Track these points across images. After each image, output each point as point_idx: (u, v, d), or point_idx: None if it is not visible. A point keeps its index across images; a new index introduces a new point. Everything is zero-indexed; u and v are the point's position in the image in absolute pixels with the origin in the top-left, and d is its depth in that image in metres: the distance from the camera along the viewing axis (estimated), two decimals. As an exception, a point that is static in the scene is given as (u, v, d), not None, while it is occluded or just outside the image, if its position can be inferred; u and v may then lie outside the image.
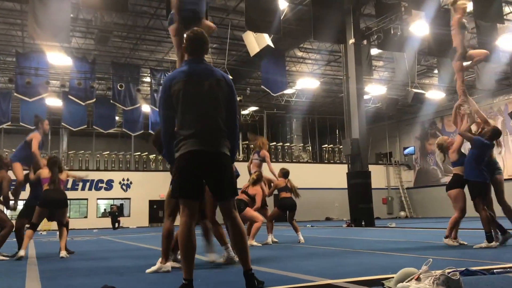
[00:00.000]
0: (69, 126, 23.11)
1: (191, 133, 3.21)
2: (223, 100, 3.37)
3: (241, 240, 3.26)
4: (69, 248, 7.50)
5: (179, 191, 3.24)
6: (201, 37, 3.47)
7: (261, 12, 13.90)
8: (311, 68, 24.48)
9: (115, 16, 17.90)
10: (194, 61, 3.43)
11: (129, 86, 21.59)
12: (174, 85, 3.30)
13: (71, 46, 19.78)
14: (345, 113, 17.60)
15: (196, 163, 3.19)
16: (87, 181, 27.27)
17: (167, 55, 22.55)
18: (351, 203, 16.77)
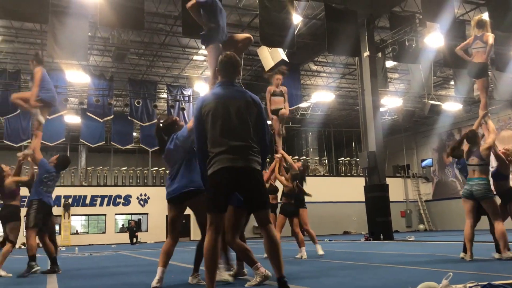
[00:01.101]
0: (88, 142, 23.41)
1: (222, 150, 3.40)
2: (252, 120, 3.56)
3: (275, 248, 3.37)
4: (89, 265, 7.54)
5: (210, 206, 3.42)
6: (233, 61, 3.69)
7: (275, 27, 14.02)
8: (326, 81, 24.50)
9: (132, 33, 18.21)
10: (226, 84, 3.64)
11: (146, 102, 21.85)
12: (206, 106, 3.53)
13: (89, 64, 20.17)
14: (361, 125, 17.54)
15: (227, 179, 3.37)
16: (105, 197, 27.55)
17: (183, 71, 22.81)
18: (369, 216, 16.61)
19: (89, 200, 27.22)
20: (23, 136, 21.68)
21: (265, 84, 23.42)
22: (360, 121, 17.70)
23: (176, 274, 5.98)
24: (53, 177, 6.91)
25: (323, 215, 25.08)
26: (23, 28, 17.55)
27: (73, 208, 26.31)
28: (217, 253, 3.35)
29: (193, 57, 21.34)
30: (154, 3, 15.73)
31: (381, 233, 15.77)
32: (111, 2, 11.71)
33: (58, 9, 13.74)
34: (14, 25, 17.26)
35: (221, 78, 3.70)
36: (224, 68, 3.67)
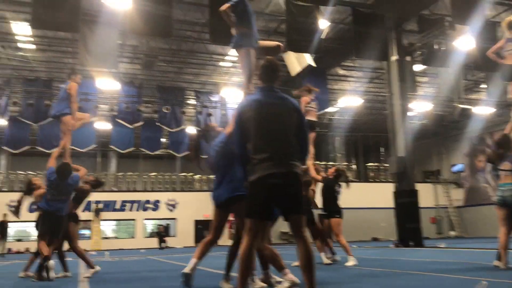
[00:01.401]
0: (118, 148, 23.84)
1: (264, 157, 3.40)
2: (293, 125, 3.56)
3: (310, 260, 3.33)
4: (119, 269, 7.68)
5: (250, 212, 3.41)
6: (274, 66, 3.70)
7: (302, 33, 14.02)
8: (354, 85, 24.30)
9: (160, 41, 18.51)
10: (266, 89, 3.64)
11: (174, 108, 22.13)
12: (246, 113, 3.54)
13: (119, 72, 20.57)
14: (390, 130, 17.32)
15: (269, 186, 3.36)
16: (134, 202, 27.96)
17: (210, 77, 23.01)
18: (398, 222, 16.34)
19: (119, 205, 27.68)
20: (55, 142, 22.18)
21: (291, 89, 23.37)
22: (389, 126, 17.48)
23: (204, 278, 6.02)
24: (54, 185, 6.86)
25: (351, 221, 24.62)
26: (55, 37, 18.04)
27: (103, 213, 26.79)
28: (252, 259, 3.36)
29: (220, 64, 21.51)
30: (182, 11, 15.94)
31: (411, 240, 15.49)
32: (140, 10, 11.95)
33: (89, 18, 14.09)
34: (47, 34, 17.76)
35: (261, 83, 3.69)
36: (264, 73, 3.66)
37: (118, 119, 21.68)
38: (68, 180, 6.90)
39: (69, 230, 7.20)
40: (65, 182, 6.88)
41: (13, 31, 17.28)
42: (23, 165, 28.87)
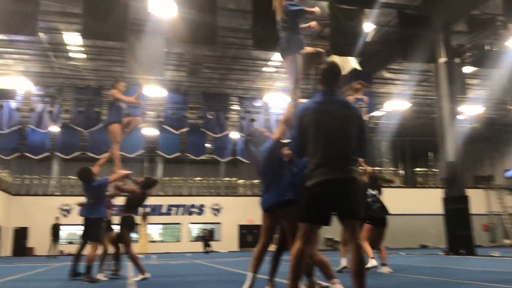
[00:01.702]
0: (164, 153, 24.37)
1: (322, 162, 3.38)
2: (353, 131, 3.51)
3: (360, 264, 3.31)
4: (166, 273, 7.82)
5: (306, 216, 3.40)
6: (336, 70, 3.67)
7: (346, 36, 13.87)
8: (400, 89, 23.76)
9: (205, 48, 18.78)
10: (328, 93, 3.60)
11: (218, 114, 22.41)
12: (307, 115, 3.52)
13: (165, 79, 21.03)
14: (438, 134, 16.80)
15: (326, 192, 3.34)
16: (180, 206, 28.45)
17: (254, 83, 23.13)
18: (448, 230, 15.79)
19: (165, 209, 28.25)
20: (104, 148, 22.92)
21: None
22: (437, 130, 16.97)
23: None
24: (84, 189, 7.33)
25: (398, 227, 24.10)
26: (104, 46, 18.67)
27: (151, 217, 27.40)
28: (303, 264, 3.34)
29: (263, 69, 21.59)
30: (226, 18, 16.11)
31: (462, 248, 14.93)
32: (185, 18, 12.18)
33: (136, 28, 14.50)
34: (97, 44, 18.40)
35: (322, 87, 3.64)
36: (325, 77, 3.63)
37: (165, 125, 22.18)
38: (92, 184, 7.22)
39: (122, 235, 7.41)
40: (90, 186, 7.22)
41: (65, 42, 18.03)
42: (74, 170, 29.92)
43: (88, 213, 7.22)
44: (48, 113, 20.65)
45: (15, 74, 19.51)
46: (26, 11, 11.23)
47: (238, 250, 27.82)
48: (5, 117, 20.67)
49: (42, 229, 23.03)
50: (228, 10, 15.74)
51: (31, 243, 25.55)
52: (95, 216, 7.20)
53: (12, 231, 25.83)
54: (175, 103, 21.79)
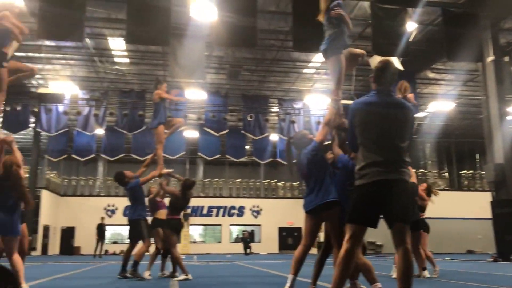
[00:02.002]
0: (205, 155, 24.65)
1: (374, 161, 3.31)
2: (407, 132, 3.44)
3: (408, 269, 3.22)
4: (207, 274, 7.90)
5: (355, 217, 3.33)
6: (391, 68, 3.57)
7: (388, 36, 13.61)
8: (445, 89, 23.10)
9: (245, 51, 18.89)
10: (382, 92, 3.52)
11: (258, 116, 22.46)
12: (360, 114, 3.45)
13: (206, 82, 21.29)
14: (486, 136, 16.21)
15: (376, 193, 3.27)
16: (220, 208, 28.70)
17: (293, 84, 23.06)
18: (497, 234, 15.19)
19: (206, 211, 28.56)
20: (148, 150, 23.46)
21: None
22: (485, 131, 16.38)
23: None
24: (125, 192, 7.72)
25: (444, 232, 23.48)
26: (147, 51, 19.10)
27: (192, 218, 27.78)
28: (350, 267, 3.27)
29: (303, 71, 21.49)
30: (266, 20, 16.15)
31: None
32: (226, 22, 12.29)
33: (178, 32, 14.75)
34: (140, 48, 18.86)
35: (376, 86, 3.56)
36: (381, 76, 3.54)
37: (205, 128, 22.43)
38: (127, 186, 7.64)
39: (166, 235, 7.57)
40: (127, 188, 7.66)
41: (110, 47, 18.57)
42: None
43: (129, 214, 7.67)
44: (94, 117, 21.30)
45: (63, 79, 20.25)
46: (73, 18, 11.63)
47: (278, 252, 27.77)
48: (53, 120, 21.48)
49: (88, 228, 23.79)
50: (268, 12, 15.76)
51: (78, 242, 26.42)
52: (134, 217, 7.53)
53: (60, 230, 26.80)
54: (215, 106, 22.02)
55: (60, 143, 23.05)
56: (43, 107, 20.96)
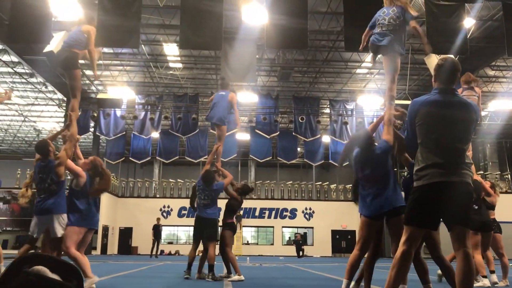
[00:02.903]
0: (256, 157, 24.80)
1: (435, 163, 3.22)
2: (470, 132, 3.33)
3: (468, 274, 3.10)
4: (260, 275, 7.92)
5: (413, 219, 3.26)
6: (455, 66, 3.43)
7: (445, 34, 13.13)
8: (507, 87, 22.05)
9: (296, 52, 18.87)
10: (445, 91, 3.40)
11: (309, 118, 22.36)
12: (422, 112, 3.34)
13: (257, 84, 21.45)
14: (552, 135, 15.31)
15: (436, 195, 3.18)
16: (272, 210, 28.72)
17: (345, 85, 22.78)
18: None
19: (258, 213, 28.70)
20: (201, 152, 23.94)
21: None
22: (551, 131, 15.48)
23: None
24: (201, 190, 7.53)
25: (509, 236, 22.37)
26: (200, 55, 19.50)
27: (244, 219, 28.00)
28: (407, 269, 3.21)
29: (356, 71, 21.18)
30: (317, 21, 16.07)
31: None
32: (276, 24, 12.31)
33: (230, 36, 14.94)
34: (193, 53, 19.28)
35: (438, 85, 3.43)
36: (444, 74, 3.41)
37: (257, 130, 22.59)
38: (213, 186, 7.51)
39: (224, 235, 7.65)
40: (210, 188, 7.49)
41: (165, 52, 19.11)
42: (173, 173, 31.61)
43: (206, 213, 7.48)
44: (150, 120, 21.97)
45: (120, 84, 21.04)
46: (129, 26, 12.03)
47: (331, 255, 27.47)
48: (111, 124, 22.35)
49: (145, 229, 24.53)
50: (319, 13, 15.68)
51: (135, 242, 27.29)
52: (213, 216, 7.50)
53: (118, 230, 27.80)
54: (266, 108, 22.13)
55: (118, 146, 23.92)
56: (102, 112, 21.84)
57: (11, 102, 22.93)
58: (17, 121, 28.42)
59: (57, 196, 5.24)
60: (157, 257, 20.27)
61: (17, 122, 28.76)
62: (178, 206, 28.19)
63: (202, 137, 23.80)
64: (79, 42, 6.14)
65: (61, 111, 25.06)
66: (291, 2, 12.34)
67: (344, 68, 20.71)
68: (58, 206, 5.19)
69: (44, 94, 23.41)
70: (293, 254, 25.60)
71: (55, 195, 5.21)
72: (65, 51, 6.11)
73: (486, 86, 22.14)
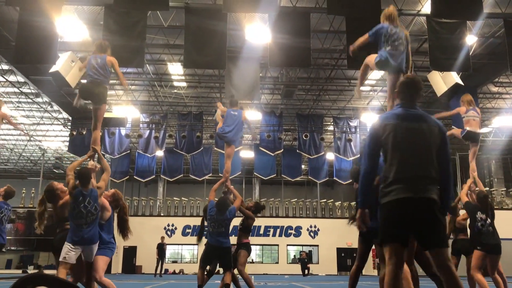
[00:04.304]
0: (260, 175, 24.79)
1: (400, 178, 3.20)
2: (435, 148, 3.33)
3: None
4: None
5: (387, 236, 3.23)
6: (416, 83, 3.52)
7: (447, 50, 13.21)
8: (510, 103, 22.05)
9: (299, 71, 19.00)
10: (407, 106, 3.46)
11: (313, 135, 22.40)
12: (385, 127, 3.36)
13: (261, 102, 21.54)
14: (558, 151, 15.25)
15: (404, 211, 3.16)
16: (277, 227, 28.53)
17: (349, 103, 22.86)
18: None
19: (263, 231, 28.52)
20: (205, 171, 23.97)
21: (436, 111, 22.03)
22: (556, 146, 15.43)
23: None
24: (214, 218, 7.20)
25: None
26: (204, 74, 19.66)
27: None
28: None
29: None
30: (320, 40, 16.20)
31: None
32: (280, 43, 12.43)
33: (233, 55, 15.07)
34: (197, 72, 19.44)
35: (400, 101, 3.52)
36: (405, 90, 3.49)
37: (261, 147, 22.62)
38: (226, 214, 7.23)
39: (239, 255, 7.61)
40: (224, 216, 7.21)
41: (169, 71, 19.28)
42: (177, 192, 31.58)
43: (217, 241, 7.17)
44: (154, 139, 22.06)
45: (125, 103, 21.19)
46: (134, 46, 12.17)
47: (336, 273, 27.19)
48: (116, 143, 22.45)
49: (149, 248, 24.40)
50: (322, 32, 15.82)
51: (139, 261, 27.13)
52: (228, 244, 7.25)
53: (123, 249, 27.67)
54: (270, 126, 22.20)
55: (122, 165, 23.98)
56: (106, 131, 21.96)
57: (17, 121, 23.08)
58: (22, 140, 28.58)
59: (96, 225, 5.35)
60: (161, 276, 20.14)
61: (23, 142, 28.92)
62: (183, 225, 28.07)
63: (206, 155, 23.83)
64: (107, 76, 6.46)
65: (66, 130, 25.18)
66: (294, 21, 12.48)
67: (347, 85, 20.79)
68: (97, 236, 5.35)
69: (50, 113, 23.57)
70: (298, 273, 25.36)
71: (95, 225, 5.32)
72: (97, 85, 6.30)
73: (490, 102, 22.16)
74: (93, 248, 5.26)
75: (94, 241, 5.27)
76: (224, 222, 7.22)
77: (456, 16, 12.64)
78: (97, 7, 13.85)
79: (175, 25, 15.19)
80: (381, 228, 3.28)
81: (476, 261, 7.06)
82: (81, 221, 5.18)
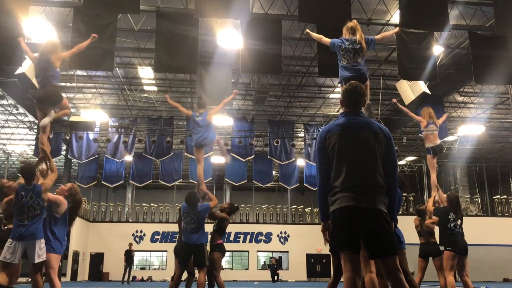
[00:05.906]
0: (231, 181, 24.71)
1: (346, 187, 3.19)
2: (381, 154, 3.31)
3: None
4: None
5: (338, 245, 3.21)
6: (358, 90, 3.51)
7: (414, 60, 13.50)
8: (475, 112, 22.70)
9: (271, 77, 19.08)
10: (351, 114, 3.46)
11: (284, 141, 22.50)
12: (330, 138, 3.35)
13: (232, 108, 21.50)
14: (519, 160, 15.77)
15: (350, 219, 3.14)
16: (247, 234, 28.48)
17: (319, 110, 23.07)
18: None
19: (233, 237, 28.41)
20: (175, 176, 23.70)
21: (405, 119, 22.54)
22: (518, 155, 15.94)
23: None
24: (186, 213, 7.19)
25: (478, 259, 22.72)
26: (175, 79, 19.49)
27: (218, 244, 27.62)
28: None
29: (329, 96, 21.49)
30: (291, 47, 16.32)
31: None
32: (252, 49, 12.44)
33: (205, 60, 15.02)
34: (168, 76, 19.27)
35: (345, 109, 3.53)
36: (348, 98, 3.50)
37: (232, 153, 22.55)
38: (198, 208, 7.21)
39: (214, 258, 7.50)
40: (195, 210, 7.18)
41: (140, 75, 19.04)
42: (146, 197, 31.14)
43: (193, 238, 7.10)
44: (123, 144, 21.71)
45: (94, 107, 20.79)
46: (104, 49, 11.95)
47: (306, 279, 27.30)
48: (84, 147, 21.99)
49: (117, 254, 23.95)
50: (293, 39, 15.94)
51: (106, 268, 26.59)
52: (200, 241, 7.17)
53: (89, 256, 27.07)
54: (241, 131, 22.19)
55: (90, 169, 23.50)
56: (74, 135, 21.50)
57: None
58: (-15, 143, 27.70)
59: (39, 221, 5.22)
60: (129, 283, 19.78)
61: (-14, 145, 28.04)
62: (151, 231, 27.70)
63: (176, 161, 23.60)
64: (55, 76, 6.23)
65: (32, 134, 24.53)
66: (266, 28, 12.52)
67: (317, 93, 20.99)
68: (40, 232, 5.20)
69: (15, 116, 22.92)
70: (268, 279, 25.34)
71: (38, 220, 5.20)
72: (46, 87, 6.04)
73: (456, 111, 22.75)
74: (33, 244, 5.11)
75: (37, 237, 5.14)
76: (197, 217, 7.13)
77: (423, 26, 12.93)
78: (66, 9, 13.56)
79: (146, 28, 15.02)
80: (330, 237, 3.28)
81: (447, 262, 7.12)
82: (22, 216, 5.17)
